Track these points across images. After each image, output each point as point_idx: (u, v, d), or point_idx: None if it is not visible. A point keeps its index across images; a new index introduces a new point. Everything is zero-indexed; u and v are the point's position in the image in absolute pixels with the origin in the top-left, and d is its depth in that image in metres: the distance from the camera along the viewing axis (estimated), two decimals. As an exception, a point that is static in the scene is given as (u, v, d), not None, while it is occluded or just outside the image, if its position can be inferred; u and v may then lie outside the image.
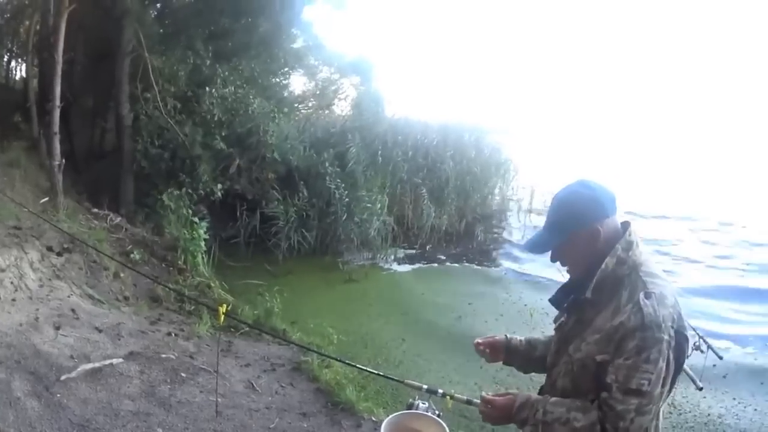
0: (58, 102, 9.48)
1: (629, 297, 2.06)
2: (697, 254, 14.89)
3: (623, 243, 2.15)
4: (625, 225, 2.23)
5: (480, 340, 2.74)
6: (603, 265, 2.14)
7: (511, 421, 2.24)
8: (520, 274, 12.71)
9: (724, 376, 7.42)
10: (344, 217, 12.48)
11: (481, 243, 15.28)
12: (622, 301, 2.06)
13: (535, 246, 2.36)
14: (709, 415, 6.60)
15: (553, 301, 2.46)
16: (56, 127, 9.48)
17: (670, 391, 2.08)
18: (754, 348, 8.81)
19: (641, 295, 2.02)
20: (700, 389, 3.26)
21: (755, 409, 6.83)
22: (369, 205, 12.82)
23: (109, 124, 13.18)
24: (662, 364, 1.95)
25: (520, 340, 2.72)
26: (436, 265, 13.22)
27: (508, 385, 6.92)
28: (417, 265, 13.06)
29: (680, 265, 13.56)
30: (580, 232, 2.19)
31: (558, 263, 2.32)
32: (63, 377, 4.88)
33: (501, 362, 2.76)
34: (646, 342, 1.95)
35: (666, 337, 1.95)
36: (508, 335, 2.74)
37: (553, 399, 2.17)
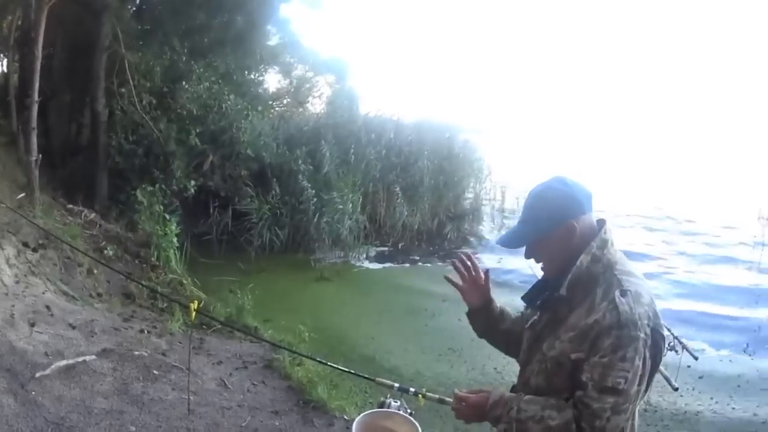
0: (36, 97, 9.48)
1: (604, 295, 2.04)
2: (670, 256, 15.14)
3: (598, 241, 2.14)
4: (601, 223, 2.23)
5: (470, 259, 2.67)
6: (578, 263, 2.13)
7: (485, 418, 2.20)
8: (493, 273, 12.71)
9: (700, 377, 7.54)
10: (316, 216, 12.58)
11: (453, 242, 15.43)
12: (597, 299, 2.05)
13: (510, 241, 2.31)
14: (686, 412, 6.72)
15: (526, 299, 2.45)
16: (34, 123, 9.45)
17: (646, 390, 2.05)
18: (730, 351, 8.89)
19: (617, 293, 2.01)
20: (676, 389, 3.32)
21: (733, 408, 6.94)
22: (341, 206, 12.93)
23: (86, 119, 13.16)
24: (638, 363, 1.93)
25: (498, 306, 2.65)
26: (407, 264, 13.36)
27: (481, 383, 7.05)
28: (389, 264, 13.21)
29: (654, 267, 13.78)
30: (556, 229, 2.18)
31: (532, 260, 2.36)
32: (38, 374, 4.94)
33: (466, 306, 2.69)
34: (621, 340, 1.93)
35: (642, 335, 1.94)
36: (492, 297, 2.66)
37: (527, 397, 2.14)
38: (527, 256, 2.32)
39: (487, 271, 2.67)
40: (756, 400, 7.21)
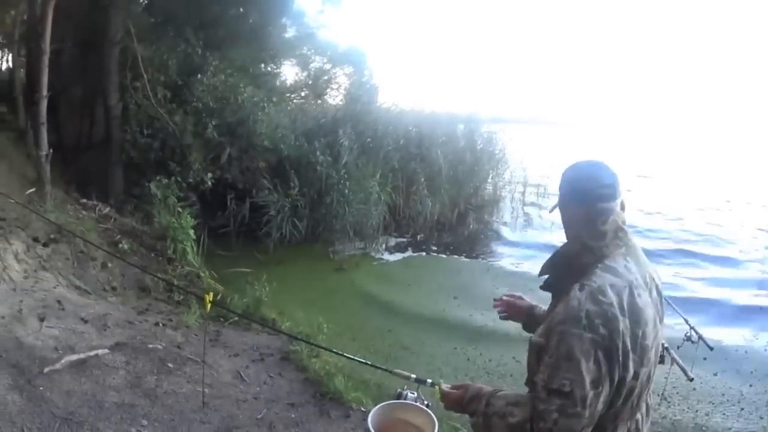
0: (45, 92, 9.40)
1: (575, 287, 1.98)
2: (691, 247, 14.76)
3: (594, 232, 2.07)
4: (605, 215, 2.11)
5: (502, 298, 2.80)
6: (562, 248, 2.16)
7: (464, 411, 2.22)
8: (509, 264, 12.71)
9: (715, 374, 7.31)
10: (342, 207, 12.54)
11: (472, 233, 15.33)
12: (571, 291, 1.98)
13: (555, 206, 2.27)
14: (696, 411, 6.51)
15: (543, 286, 2.30)
16: (43, 118, 9.39)
17: (624, 399, 1.95)
18: (746, 341, 8.66)
19: (576, 287, 1.95)
20: (691, 380, 3.19)
21: (742, 409, 6.68)
22: (374, 194, 12.98)
23: (98, 114, 13.11)
24: (589, 365, 1.82)
25: (544, 309, 2.54)
26: (425, 254, 13.24)
27: (500, 375, 7.01)
28: (408, 254, 13.10)
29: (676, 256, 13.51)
30: (571, 206, 2.18)
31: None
32: (46, 369, 4.82)
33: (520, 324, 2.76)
34: (563, 337, 1.86)
35: (589, 335, 1.83)
36: (534, 303, 2.72)
37: (500, 392, 2.12)
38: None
39: (510, 298, 2.81)
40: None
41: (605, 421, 1.93)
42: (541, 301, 2.59)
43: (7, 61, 15.05)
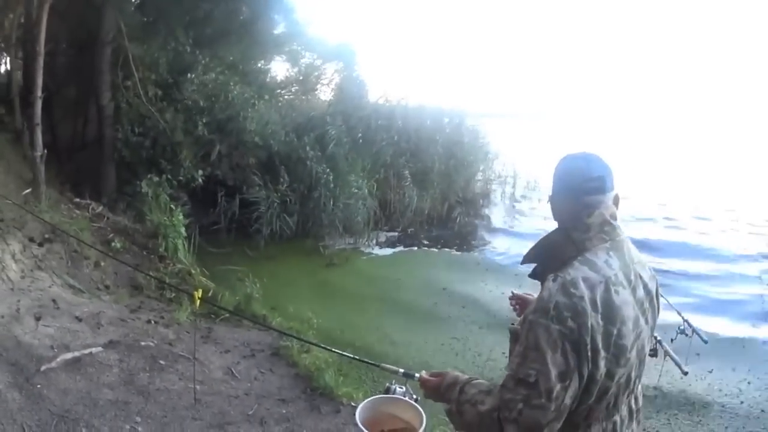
0: (39, 93, 9.49)
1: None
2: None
3: (578, 224, 2.04)
4: (592, 207, 2.07)
5: (515, 292, 2.75)
6: (544, 235, 2.14)
7: (441, 399, 2.22)
8: (499, 257, 12.83)
9: (710, 372, 7.27)
10: (329, 202, 12.60)
11: (462, 226, 15.41)
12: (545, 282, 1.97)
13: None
14: (693, 403, 6.53)
15: (531, 275, 2.23)
16: (38, 119, 9.47)
17: (597, 398, 1.91)
18: (744, 337, 8.58)
19: (551, 278, 1.93)
20: (685, 374, 3.21)
21: (741, 402, 6.69)
22: (356, 190, 13.01)
23: (92, 113, 13.17)
24: (556, 356, 1.79)
25: None
26: (416, 248, 13.35)
27: (491, 369, 7.03)
28: (398, 249, 13.21)
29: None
30: (557, 196, 2.17)
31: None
32: (43, 368, 4.98)
33: None
34: (532, 326, 1.84)
35: (557, 327, 1.81)
36: None
37: (475, 381, 2.12)
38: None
39: (522, 294, 2.75)
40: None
41: (576, 417, 1.92)
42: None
43: (5, 63, 15.08)
